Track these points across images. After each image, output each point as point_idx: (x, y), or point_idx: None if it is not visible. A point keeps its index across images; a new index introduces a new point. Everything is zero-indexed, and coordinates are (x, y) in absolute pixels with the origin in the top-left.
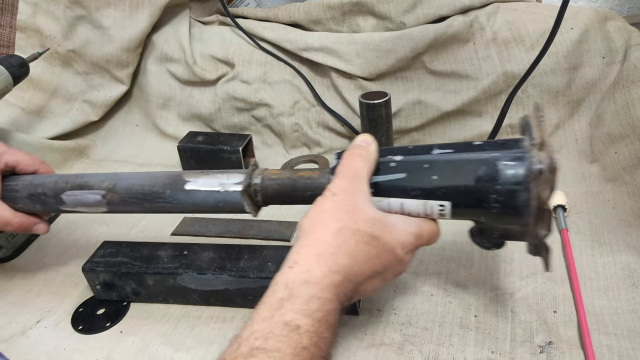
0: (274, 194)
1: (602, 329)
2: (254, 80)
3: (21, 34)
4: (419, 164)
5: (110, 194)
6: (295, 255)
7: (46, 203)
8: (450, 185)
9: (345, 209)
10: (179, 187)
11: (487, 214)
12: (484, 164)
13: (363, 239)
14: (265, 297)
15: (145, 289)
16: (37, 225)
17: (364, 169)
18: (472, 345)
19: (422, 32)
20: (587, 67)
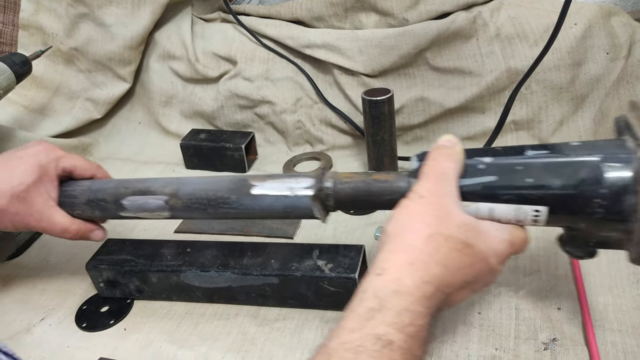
0: (348, 199)
1: (607, 325)
2: (257, 78)
3: (24, 32)
4: (512, 166)
5: (173, 199)
6: (384, 261)
7: (106, 209)
8: (547, 189)
9: (435, 213)
10: (245, 192)
11: (588, 220)
12: (586, 166)
13: (456, 246)
14: (353, 306)
15: (149, 287)
16: (94, 232)
17: (452, 170)
18: (476, 342)
19: (425, 28)
20: (591, 63)
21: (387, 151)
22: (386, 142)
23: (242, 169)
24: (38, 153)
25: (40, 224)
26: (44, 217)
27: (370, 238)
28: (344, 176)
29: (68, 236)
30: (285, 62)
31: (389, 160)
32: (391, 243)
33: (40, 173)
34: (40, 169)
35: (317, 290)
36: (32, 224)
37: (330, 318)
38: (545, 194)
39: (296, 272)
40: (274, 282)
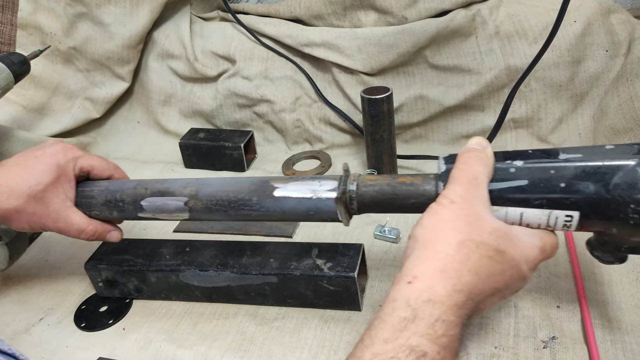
0: (372, 202)
1: (606, 323)
2: (255, 77)
3: (22, 32)
4: (544, 170)
5: (192, 200)
6: (414, 268)
7: (124, 210)
8: (581, 194)
9: (466, 219)
10: (267, 193)
11: (621, 225)
12: (621, 170)
13: (488, 253)
14: (384, 314)
15: (148, 286)
16: (110, 232)
17: (483, 174)
18: (475, 341)
19: (424, 26)
20: (591, 61)
21: (386, 150)
22: (385, 141)
23: (241, 168)
24: (56, 153)
25: (56, 225)
26: (61, 217)
27: (369, 237)
28: (368, 179)
29: (85, 237)
30: (284, 61)
31: (388, 159)
32: (421, 249)
33: (58, 173)
34: (58, 169)
35: (316, 289)
36: (49, 224)
37: (329, 317)
38: (578, 199)
39: (295, 271)
40: (273, 281)
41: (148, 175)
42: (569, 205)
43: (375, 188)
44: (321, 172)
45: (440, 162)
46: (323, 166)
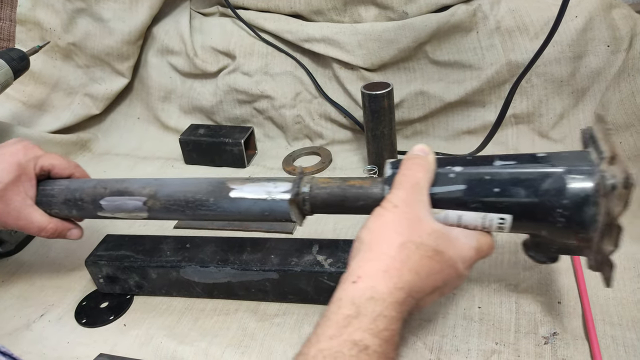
0: (323, 204)
1: (607, 319)
2: (255, 72)
3: (21, 27)
4: (480, 176)
5: (151, 200)
6: (358, 269)
7: (83, 209)
8: (513, 199)
9: (407, 222)
10: (224, 194)
11: (550, 228)
12: (550, 177)
13: (427, 253)
14: (330, 313)
15: (149, 282)
16: (71, 230)
17: (425, 180)
18: (476, 337)
19: (425, 21)
20: (592, 56)
21: (386, 145)
22: (386, 137)
23: (242, 164)
24: (17, 152)
25: (17, 223)
26: (22, 215)
27: None
28: (321, 181)
29: (45, 235)
30: (284, 57)
31: (389, 155)
32: (366, 251)
33: (19, 172)
34: (18, 167)
35: (316, 285)
36: (10, 222)
37: None
38: (510, 203)
39: (296, 267)
40: (274, 277)
41: (149, 172)
42: (503, 209)
43: (327, 190)
44: (322, 169)
45: (387, 167)
46: (323, 162)
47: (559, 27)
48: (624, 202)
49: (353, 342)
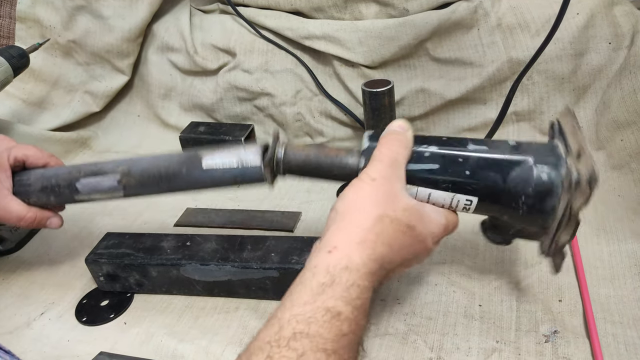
0: (297, 168)
1: (608, 317)
2: (256, 70)
3: (21, 25)
4: (453, 158)
5: (125, 178)
6: (334, 238)
7: (60, 194)
8: (482, 183)
9: (384, 196)
10: (196, 164)
11: (512, 213)
12: (519, 165)
13: (400, 228)
14: (305, 279)
15: (149, 280)
16: (50, 219)
17: (403, 156)
18: (477, 335)
19: (426, 18)
20: (593, 53)
21: None
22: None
23: None
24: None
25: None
26: (0, 206)
27: None
28: (297, 147)
29: (24, 224)
30: (285, 54)
31: None
32: (341, 221)
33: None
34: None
35: None
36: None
37: None
38: (478, 187)
39: (296, 265)
40: (274, 275)
41: None
42: (471, 191)
43: (302, 156)
44: None
45: (364, 138)
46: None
47: (560, 24)
48: (585, 197)
49: (326, 308)
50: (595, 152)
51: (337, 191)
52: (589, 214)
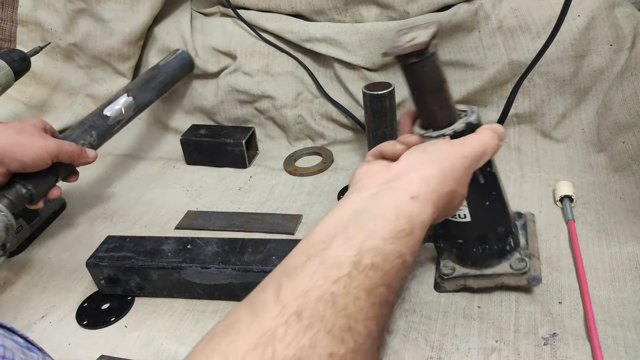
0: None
1: (608, 320)
2: (257, 72)
3: (22, 28)
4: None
5: (131, 91)
6: (417, 184)
7: (97, 126)
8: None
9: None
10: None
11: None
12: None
13: (466, 168)
14: (387, 215)
15: (150, 284)
16: (88, 150)
17: (489, 156)
18: (476, 335)
19: (426, 20)
20: (595, 55)
21: None
22: (387, 137)
23: (243, 165)
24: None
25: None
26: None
27: None
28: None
29: (68, 153)
30: (285, 57)
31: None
32: (426, 169)
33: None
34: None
35: None
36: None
37: None
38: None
39: None
40: None
41: (149, 172)
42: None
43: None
44: (323, 169)
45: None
46: (325, 162)
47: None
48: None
49: (400, 254)
50: (596, 155)
51: (338, 194)
52: (591, 216)
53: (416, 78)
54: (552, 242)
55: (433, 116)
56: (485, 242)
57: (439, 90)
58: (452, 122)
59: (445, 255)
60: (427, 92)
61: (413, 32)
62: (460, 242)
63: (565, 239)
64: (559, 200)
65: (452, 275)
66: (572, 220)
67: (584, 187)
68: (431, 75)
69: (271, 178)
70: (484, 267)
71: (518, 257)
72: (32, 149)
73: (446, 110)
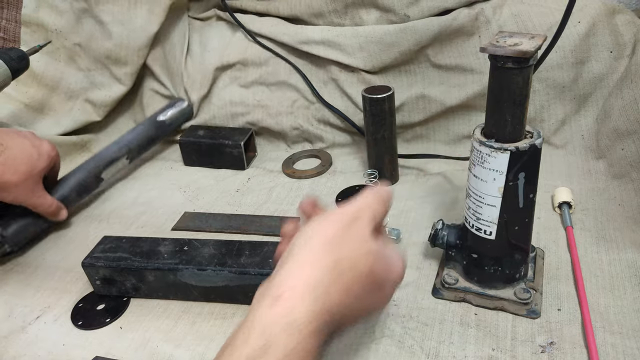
0: None
1: (607, 327)
2: (252, 83)
3: (26, 29)
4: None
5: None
6: (282, 284)
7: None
8: None
9: (347, 237)
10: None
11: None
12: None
13: (361, 273)
14: (236, 343)
15: (145, 285)
16: (62, 210)
17: (380, 210)
18: (473, 343)
19: (427, 25)
20: (595, 62)
21: (387, 149)
22: (386, 140)
23: (241, 166)
24: (47, 149)
25: (33, 200)
26: (40, 194)
27: None
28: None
29: (49, 211)
30: (282, 64)
31: (389, 159)
32: (294, 261)
33: (49, 163)
34: (49, 159)
35: None
36: (30, 199)
37: None
38: None
39: None
40: None
41: (149, 173)
42: None
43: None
44: (321, 172)
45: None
46: (323, 165)
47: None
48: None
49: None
50: (595, 161)
51: (335, 198)
52: (589, 223)
53: (505, 83)
54: (550, 249)
55: (503, 127)
56: (499, 264)
57: (520, 103)
58: (517, 139)
59: (452, 264)
60: (508, 100)
61: (516, 37)
62: (475, 256)
63: (564, 245)
64: (557, 206)
65: (453, 286)
66: (570, 227)
67: (582, 194)
68: (521, 86)
69: (269, 180)
70: (489, 287)
71: (523, 287)
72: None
73: (517, 126)
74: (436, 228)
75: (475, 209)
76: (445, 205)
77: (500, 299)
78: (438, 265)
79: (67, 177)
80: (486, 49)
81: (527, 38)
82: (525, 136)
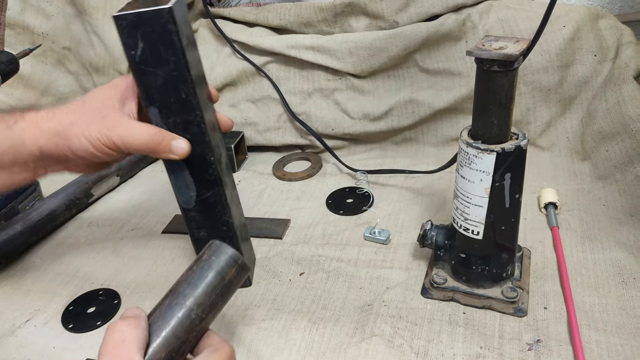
0: None
1: (592, 325)
2: (239, 101)
3: (10, 31)
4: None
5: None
6: None
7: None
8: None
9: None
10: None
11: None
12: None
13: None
14: None
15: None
16: (177, 140)
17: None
18: (461, 342)
19: (415, 30)
20: (579, 65)
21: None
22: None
23: (232, 168)
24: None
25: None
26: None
27: (359, 238)
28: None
29: (147, 146)
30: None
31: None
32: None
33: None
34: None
35: None
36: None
37: (317, 318)
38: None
39: None
40: None
41: (139, 176)
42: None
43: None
44: (312, 174)
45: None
46: (314, 167)
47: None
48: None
49: None
50: (580, 163)
51: (326, 199)
52: (575, 223)
53: (491, 86)
54: (536, 248)
55: (489, 129)
56: (487, 264)
57: (505, 105)
58: (503, 140)
59: (440, 265)
60: (494, 103)
61: (501, 41)
62: (463, 256)
63: (550, 245)
64: (543, 207)
65: (442, 285)
66: (556, 227)
67: (568, 195)
68: (506, 88)
69: (260, 183)
70: (477, 286)
71: (510, 285)
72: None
73: (503, 128)
74: (425, 229)
75: (462, 209)
76: (434, 206)
77: (488, 298)
78: (427, 265)
79: (57, 192)
80: (472, 52)
81: (512, 42)
82: (511, 138)
